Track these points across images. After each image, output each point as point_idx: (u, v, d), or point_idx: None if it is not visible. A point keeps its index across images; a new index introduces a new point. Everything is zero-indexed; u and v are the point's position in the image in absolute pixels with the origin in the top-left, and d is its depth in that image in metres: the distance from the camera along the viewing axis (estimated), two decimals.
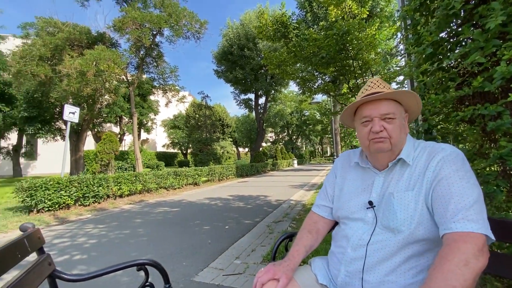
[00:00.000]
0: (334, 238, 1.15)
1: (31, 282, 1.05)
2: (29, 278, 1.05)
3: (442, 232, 0.81)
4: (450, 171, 0.86)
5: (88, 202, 6.79)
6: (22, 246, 1.04)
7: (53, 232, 4.77)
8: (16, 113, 14.34)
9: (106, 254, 3.50)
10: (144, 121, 21.01)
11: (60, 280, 1.21)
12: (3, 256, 0.92)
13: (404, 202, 0.92)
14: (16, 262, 0.97)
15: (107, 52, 8.52)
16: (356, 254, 0.97)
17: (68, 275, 1.22)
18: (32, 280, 1.06)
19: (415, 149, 1.00)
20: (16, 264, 0.96)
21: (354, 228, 1.03)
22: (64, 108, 6.98)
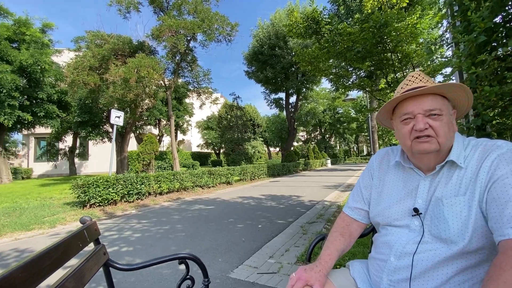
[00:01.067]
0: (375, 244, 1.10)
1: (90, 268, 1.18)
2: (89, 265, 1.18)
3: (497, 239, 0.73)
4: (507, 171, 0.76)
5: (132, 199, 7.36)
6: (83, 237, 1.17)
7: (103, 226, 5.27)
8: (71, 118, 16.11)
9: (149, 247, 3.76)
10: (180, 123, 22.11)
11: (113, 268, 1.34)
12: (68, 244, 1.05)
13: (456, 209, 0.83)
14: (78, 250, 1.10)
15: (147, 60, 9.19)
16: (401, 263, 0.91)
17: (120, 264, 1.33)
18: (91, 267, 1.20)
19: (465, 148, 0.90)
20: (78, 252, 1.09)
21: (397, 235, 0.96)
22: (111, 113, 7.66)
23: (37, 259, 0.83)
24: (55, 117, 15.66)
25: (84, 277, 1.10)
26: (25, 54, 13.02)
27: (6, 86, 12.18)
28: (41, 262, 0.85)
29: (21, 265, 0.77)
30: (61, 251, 0.98)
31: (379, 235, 1.07)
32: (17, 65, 12.86)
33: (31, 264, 0.80)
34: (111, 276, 1.35)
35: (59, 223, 5.42)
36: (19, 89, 13.18)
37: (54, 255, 0.92)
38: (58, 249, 0.97)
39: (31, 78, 14.15)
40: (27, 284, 0.76)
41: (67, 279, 0.97)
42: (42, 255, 0.86)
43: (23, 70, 13.50)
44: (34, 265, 0.80)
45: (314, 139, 44.80)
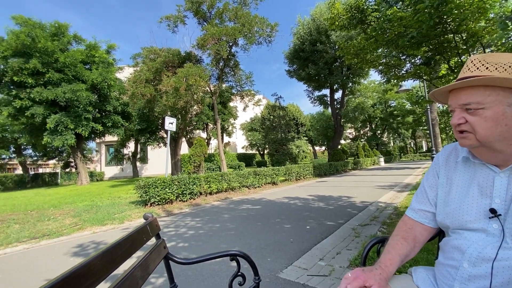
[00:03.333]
0: (443, 249, 0.97)
1: (153, 260, 1.30)
2: (151, 257, 1.30)
3: None
4: None
5: (186, 198, 7.92)
6: (146, 231, 1.29)
7: (162, 223, 5.78)
8: (132, 126, 18.14)
9: (202, 244, 3.99)
10: (226, 126, 23.03)
11: (172, 261, 1.45)
12: (135, 238, 1.17)
13: None
14: (142, 243, 1.22)
15: (194, 68, 9.83)
16: (477, 271, 0.80)
17: (178, 258, 1.44)
18: (154, 259, 1.32)
19: None
20: (142, 245, 1.21)
21: (471, 239, 0.85)
22: (165, 120, 8.39)
23: (112, 250, 0.95)
24: (120, 126, 17.82)
25: (148, 267, 1.21)
26: (95, 73, 15.13)
27: (82, 102, 14.33)
28: (114, 252, 0.96)
29: (99, 254, 0.88)
30: (129, 243, 1.10)
31: (448, 239, 0.95)
32: (89, 84, 15.03)
33: (106, 253, 0.92)
34: (171, 268, 1.46)
35: (126, 220, 6.13)
36: (92, 104, 15.38)
37: (124, 247, 1.04)
38: (127, 241, 1.09)
39: (101, 93, 16.40)
40: (104, 271, 0.87)
41: (135, 268, 1.08)
42: (115, 246, 0.98)
43: (94, 87, 15.71)
44: (109, 255, 0.91)
45: (364, 136, 41.99)
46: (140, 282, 1.11)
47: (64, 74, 14.17)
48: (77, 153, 16.95)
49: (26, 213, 6.67)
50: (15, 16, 12.95)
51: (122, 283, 0.94)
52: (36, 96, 13.19)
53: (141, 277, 1.09)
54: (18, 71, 12.80)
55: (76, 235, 5.11)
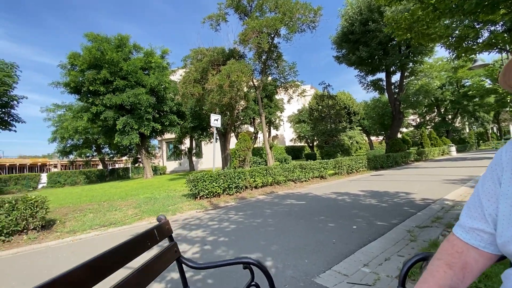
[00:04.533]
0: (506, 285, 0.69)
1: (163, 262, 1.29)
2: (162, 258, 1.28)
3: None
4: None
5: (232, 192, 8.15)
6: (151, 236, 1.27)
7: (208, 215, 6.05)
8: (187, 124, 19.54)
9: (241, 239, 4.01)
10: (273, 119, 22.95)
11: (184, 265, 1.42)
12: (135, 244, 1.16)
13: None
14: (145, 249, 1.20)
15: (236, 65, 9.96)
16: None
17: (191, 262, 1.39)
18: (164, 261, 1.30)
19: None
20: (145, 251, 1.19)
21: None
22: (211, 117, 8.73)
23: (101, 258, 0.94)
24: (176, 125, 19.38)
25: (153, 271, 1.19)
26: (152, 78, 16.68)
27: (143, 104, 16.00)
28: (104, 260, 0.95)
29: (85, 263, 0.87)
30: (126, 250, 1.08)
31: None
32: (148, 87, 16.67)
33: (94, 262, 0.90)
34: (184, 271, 1.43)
35: (178, 212, 6.61)
36: (151, 106, 17.05)
37: (118, 254, 1.03)
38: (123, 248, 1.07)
39: (158, 95, 18.04)
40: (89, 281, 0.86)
41: (133, 274, 1.06)
42: (105, 254, 0.96)
43: (153, 91, 17.36)
44: (94, 266, 0.90)
45: (430, 123, 36.92)
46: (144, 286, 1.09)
47: (127, 81, 16.01)
48: (141, 150, 19.14)
49: (100, 204, 7.80)
50: (87, 34, 15.10)
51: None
52: (107, 102, 15.24)
53: (139, 283, 1.07)
54: (93, 81, 14.95)
55: (135, 224, 5.73)
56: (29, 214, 4.87)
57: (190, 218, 5.93)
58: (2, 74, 12.12)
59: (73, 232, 5.19)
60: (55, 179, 20.34)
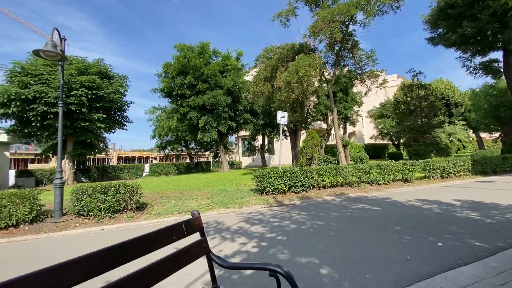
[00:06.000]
0: None
1: (190, 256, 1.32)
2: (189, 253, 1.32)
3: None
4: None
5: (298, 190, 7.97)
6: (178, 230, 1.32)
7: (271, 212, 6.10)
8: (259, 122, 20.26)
9: (299, 240, 3.86)
10: (349, 115, 21.28)
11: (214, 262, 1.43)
12: (170, 231, 1.22)
13: None
14: (169, 242, 1.25)
15: (304, 59, 9.61)
16: None
17: (219, 259, 1.39)
18: (191, 256, 1.33)
19: None
20: (168, 244, 1.24)
21: None
22: (277, 114, 8.74)
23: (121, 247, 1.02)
24: (249, 123, 20.37)
25: (177, 263, 1.24)
26: (228, 79, 17.97)
27: (221, 104, 17.47)
28: (124, 249, 1.03)
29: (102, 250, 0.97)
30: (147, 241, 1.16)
31: None
32: (225, 89, 18.06)
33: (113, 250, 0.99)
34: (213, 268, 1.45)
35: (245, 205, 6.91)
36: (228, 105, 18.43)
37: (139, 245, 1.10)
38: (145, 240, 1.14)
39: (234, 96, 19.33)
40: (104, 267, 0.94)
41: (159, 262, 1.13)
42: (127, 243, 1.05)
43: (229, 91, 18.72)
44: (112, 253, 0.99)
45: None
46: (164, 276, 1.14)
47: (208, 84, 17.77)
48: (220, 146, 20.97)
49: (181, 192, 8.96)
50: (176, 45, 17.50)
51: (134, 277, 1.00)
52: (192, 103, 17.32)
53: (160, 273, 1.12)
54: (181, 86, 17.25)
55: (207, 213, 6.30)
56: (127, 197, 6.01)
57: (254, 213, 6.11)
58: (117, 85, 15.42)
59: (158, 215, 6.12)
60: (154, 169, 24.59)
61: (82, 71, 14.07)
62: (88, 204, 5.65)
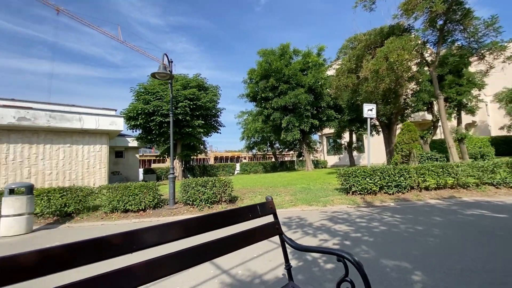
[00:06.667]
0: None
1: (264, 233, 1.50)
2: (263, 230, 1.50)
3: None
4: None
5: (391, 191, 7.11)
6: (254, 210, 1.51)
7: (358, 212, 5.71)
8: (344, 118, 19.06)
9: (389, 243, 3.50)
10: (465, 101, 17.19)
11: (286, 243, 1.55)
12: (248, 210, 1.44)
13: None
14: (246, 219, 1.45)
15: (396, 42, 8.40)
16: None
17: (290, 240, 1.52)
18: (265, 233, 1.51)
19: None
20: (246, 220, 1.44)
21: None
22: (364, 107, 8.05)
23: (212, 216, 1.29)
24: (333, 119, 19.45)
25: (253, 237, 1.43)
26: (309, 77, 17.72)
27: (302, 103, 17.42)
28: (213, 217, 1.29)
29: (197, 217, 1.25)
30: (231, 215, 1.39)
31: None
32: (306, 87, 17.90)
33: (207, 217, 1.26)
34: (286, 248, 1.57)
35: (329, 204, 6.72)
36: (310, 103, 18.18)
37: (225, 217, 1.35)
38: (229, 213, 1.39)
39: (315, 93, 18.92)
40: (198, 230, 1.22)
41: (234, 235, 1.35)
42: (216, 214, 1.31)
43: (310, 89, 18.45)
44: (207, 218, 1.26)
45: None
46: (241, 246, 1.36)
47: (289, 84, 18.06)
48: (303, 145, 20.90)
49: (267, 189, 9.48)
50: (259, 51, 18.58)
51: (220, 241, 1.25)
52: (274, 105, 18.00)
53: (238, 243, 1.34)
54: (264, 90, 18.20)
55: (290, 209, 6.48)
56: (221, 190, 6.88)
57: (339, 212, 5.88)
58: (211, 94, 17.78)
59: None
60: (244, 168, 26.87)
61: (185, 86, 16.92)
62: (192, 195, 6.79)
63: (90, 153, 11.44)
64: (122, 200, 6.56)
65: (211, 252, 1.23)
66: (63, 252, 0.82)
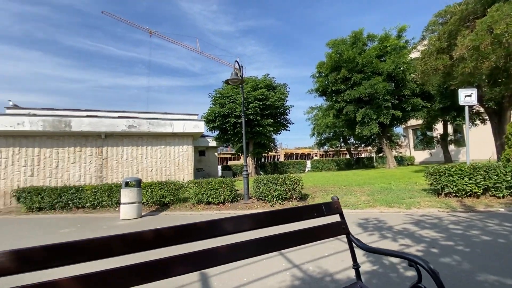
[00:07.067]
0: None
1: (329, 232, 1.56)
2: (328, 229, 1.56)
3: None
4: None
5: (501, 194, 5.77)
6: (319, 209, 1.57)
7: (453, 217, 4.89)
8: (435, 106, 16.27)
9: (489, 256, 2.91)
10: None
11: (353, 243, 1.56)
12: (312, 209, 1.53)
13: None
14: (310, 217, 1.53)
15: (504, 8, 6.56)
16: None
17: (358, 241, 1.53)
18: (330, 232, 1.57)
19: None
20: (310, 218, 1.52)
21: None
22: (459, 93, 6.75)
23: (278, 212, 1.43)
24: (420, 109, 16.86)
25: (319, 234, 1.51)
26: (388, 63, 15.85)
27: (380, 93, 15.76)
28: (279, 214, 1.44)
29: (265, 212, 1.41)
30: (294, 213, 1.51)
31: None
32: (385, 74, 16.08)
33: (272, 213, 1.42)
34: (353, 248, 1.58)
35: (414, 206, 5.97)
36: (389, 93, 16.28)
37: (287, 215, 1.47)
38: (293, 211, 1.50)
39: (397, 80, 16.80)
40: (265, 223, 1.38)
41: (300, 231, 1.46)
42: (277, 211, 1.45)
43: (390, 76, 16.50)
44: (273, 214, 1.41)
45: None
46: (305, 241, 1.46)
47: (363, 73, 16.60)
48: (382, 140, 18.90)
49: (340, 188, 9.06)
50: (328, 43, 17.73)
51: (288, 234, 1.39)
52: (347, 97, 16.90)
53: (303, 238, 1.44)
54: (334, 82, 17.31)
55: (366, 210, 6.08)
56: (292, 188, 7.00)
57: (427, 216, 5.18)
58: (279, 93, 18.06)
59: None
60: (315, 165, 26.19)
61: (255, 87, 17.75)
62: (264, 191, 7.16)
63: (180, 153, 13.37)
64: (205, 194, 7.48)
65: (279, 244, 1.38)
66: (168, 232, 1.11)
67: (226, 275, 2.79)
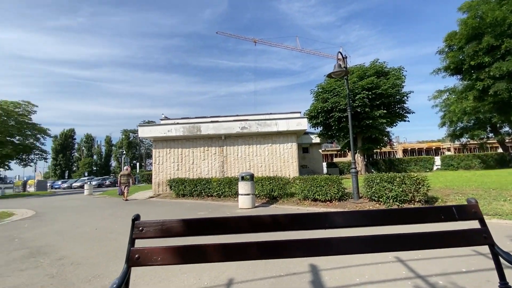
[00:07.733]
0: None
1: (463, 240, 1.33)
2: (463, 236, 1.32)
3: None
4: None
5: None
6: (449, 212, 1.35)
7: None
8: None
9: None
10: None
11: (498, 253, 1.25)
12: (439, 211, 1.35)
13: None
14: (436, 220, 1.33)
15: None
16: None
17: (506, 255, 1.23)
18: (465, 240, 1.33)
19: None
20: (450, 221, 1.31)
21: None
22: None
23: (395, 211, 1.35)
24: None
25: (448, 241, 1.31)
26: None
27: None
28: (400, 213, 1.34)
29: (389, 208, 1.35)
30: (417, 213, 1.36)
31: None
32: None
33: (365, 213, 1.35)
34: (500, 263, 1.29)
35: None
36: None
37: (407, 214, 1.35)
38: (415, 211, 1.36)
39: None
40: (395, 221, 1.33)
41: (423, 233, 1.30)
42: (397, 211, 1.35)
43: None
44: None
45: None
46: (433, 246, 1.30)
47: None
48: None
49: (487, 191, 6.95)
50: (461, 6, 13.85)
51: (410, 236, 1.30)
52: (495, 72, 12.76)
53: (431, 242, 1.29)
54: (473, 55, 13.40)
55: None
56: (414, 189, 6.02)
57: None
58: (393, 78, 15.59)
59: None
60: (447, 162, 21.02)
61: (361, 76, 16.20)
62: (378, 191, 6.51)
63: (285, 150, 14.05)
64: (311, 190, 7.57)
65: (395, 244, 1.28)
66: (284, 219, 1.28)
67: (338, 271, 2.78)
